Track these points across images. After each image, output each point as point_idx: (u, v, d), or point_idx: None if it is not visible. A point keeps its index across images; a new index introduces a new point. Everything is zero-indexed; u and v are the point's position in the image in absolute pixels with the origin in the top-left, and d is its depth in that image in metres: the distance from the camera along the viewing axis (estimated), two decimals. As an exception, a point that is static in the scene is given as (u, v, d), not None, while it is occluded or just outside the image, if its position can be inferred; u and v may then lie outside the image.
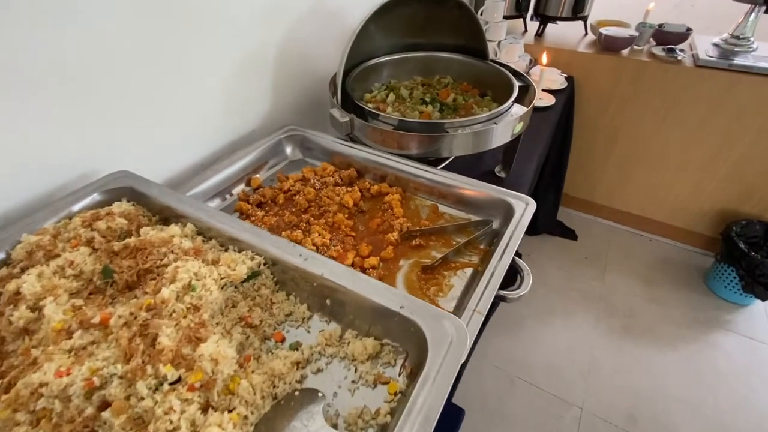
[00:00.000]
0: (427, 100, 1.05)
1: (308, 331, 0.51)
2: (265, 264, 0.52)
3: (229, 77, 0.88)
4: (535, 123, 1.43)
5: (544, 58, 1.51)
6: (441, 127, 0.83)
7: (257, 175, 0.87)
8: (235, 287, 0.50)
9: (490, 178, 1.11)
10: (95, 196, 0.61)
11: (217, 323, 0.45)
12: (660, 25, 1.70)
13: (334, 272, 0.48)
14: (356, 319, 0.49)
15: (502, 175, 1.13)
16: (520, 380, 1.51)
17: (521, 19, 1.96)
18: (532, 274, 0.62)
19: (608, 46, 1.69)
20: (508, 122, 0.87)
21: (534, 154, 1.27)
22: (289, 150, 0.94)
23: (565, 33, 1.95)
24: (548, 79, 1.62)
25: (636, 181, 1.96)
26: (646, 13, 1.75)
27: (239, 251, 0.53)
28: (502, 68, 1.03)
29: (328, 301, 0.50)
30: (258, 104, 0.98)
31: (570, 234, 2.08)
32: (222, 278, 0.48)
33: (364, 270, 0.66)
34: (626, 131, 1.84)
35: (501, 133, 0.88)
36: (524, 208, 0.70)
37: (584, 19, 1.84)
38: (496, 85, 1.05)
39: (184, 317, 0.43)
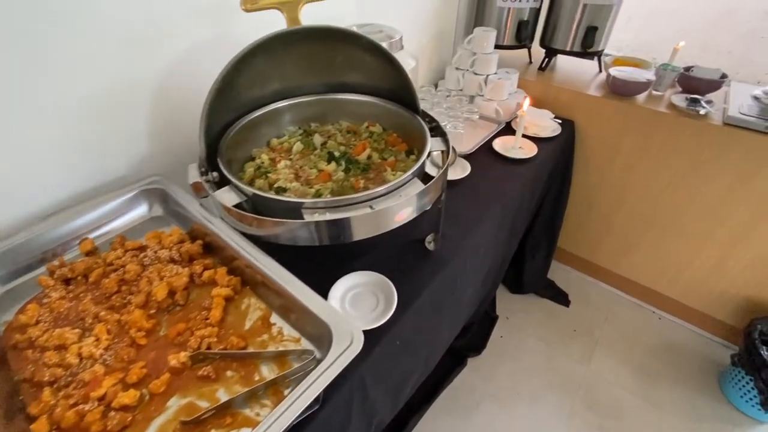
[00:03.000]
0: (336, 155, 0.87)
1: None
2: None
3: (76, 119, 0.74)
4: (500, 177, 1.20)
5: (526, 104, 1.27)
6: (296, 209, 0.63)
7: (91, 236, 0.73)
8: None
9: (417, 249, 0.91)
10: None
11: None
12: (687, 69, 1.41)
13: None
14: None
15: (431, 247, 0.92)
16: (459, 478, 1.28)
17: (526, 50, 1.71)
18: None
19: (617, 90, 1.41)
20: (395, 207, 0.66)
21: (490, 215, 1.05)
22: (144, 207, 0.79)
23: (578, 67, 1.68)
24: (534, 124, 1.38)
25: (646, 247, 1.65)
26: (673, 52, 1.45)
27: None
28: (424, 124, 0.83)
29: None
30: (128, 148, 0.84)
31: (561, 298, 1.79)
32: None
33: (109, 409, 0.49)
34: (636, 190, 1.55)
35: (388, 218, 0.68)
36: (347, 345, 0.50)
37: (597, 54, 1.57)
38: (421, 144, 0.85)
39: None
